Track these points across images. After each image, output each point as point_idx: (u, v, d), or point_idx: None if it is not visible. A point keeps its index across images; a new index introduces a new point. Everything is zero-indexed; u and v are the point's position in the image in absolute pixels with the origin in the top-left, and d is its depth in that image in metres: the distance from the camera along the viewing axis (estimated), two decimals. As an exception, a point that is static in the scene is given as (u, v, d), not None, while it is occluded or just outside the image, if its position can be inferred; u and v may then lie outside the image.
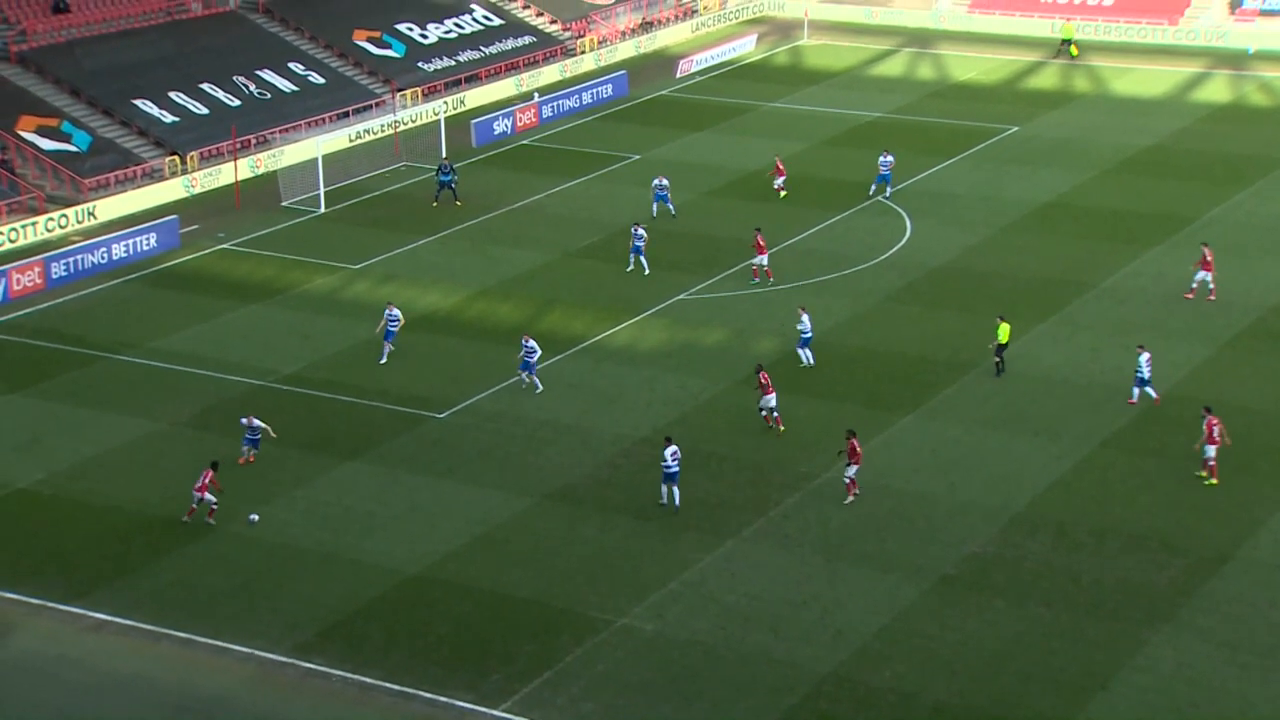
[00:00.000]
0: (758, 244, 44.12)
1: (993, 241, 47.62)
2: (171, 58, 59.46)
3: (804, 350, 38.59)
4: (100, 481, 34.32)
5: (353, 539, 31.86)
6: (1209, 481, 33.18)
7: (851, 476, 32.66)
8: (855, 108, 62.07)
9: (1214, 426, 33.07)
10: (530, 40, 68.84)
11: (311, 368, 39.73)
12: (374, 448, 35.52)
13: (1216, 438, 33.02)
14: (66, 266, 46.06)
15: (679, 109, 62.76)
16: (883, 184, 51.00)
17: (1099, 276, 44.56)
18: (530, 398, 37.69)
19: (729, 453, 35.02)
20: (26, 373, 39.75)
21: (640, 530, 31.98)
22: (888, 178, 51.12)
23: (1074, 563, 30.55)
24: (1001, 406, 36.98)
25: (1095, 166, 54.37)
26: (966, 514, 32.30)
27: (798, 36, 73.52)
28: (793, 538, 31.62)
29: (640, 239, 45.32)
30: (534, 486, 33.73)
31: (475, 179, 54.27)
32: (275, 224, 50.59)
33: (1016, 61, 68.62)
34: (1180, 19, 72.33)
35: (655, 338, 41.23)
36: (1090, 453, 34.70)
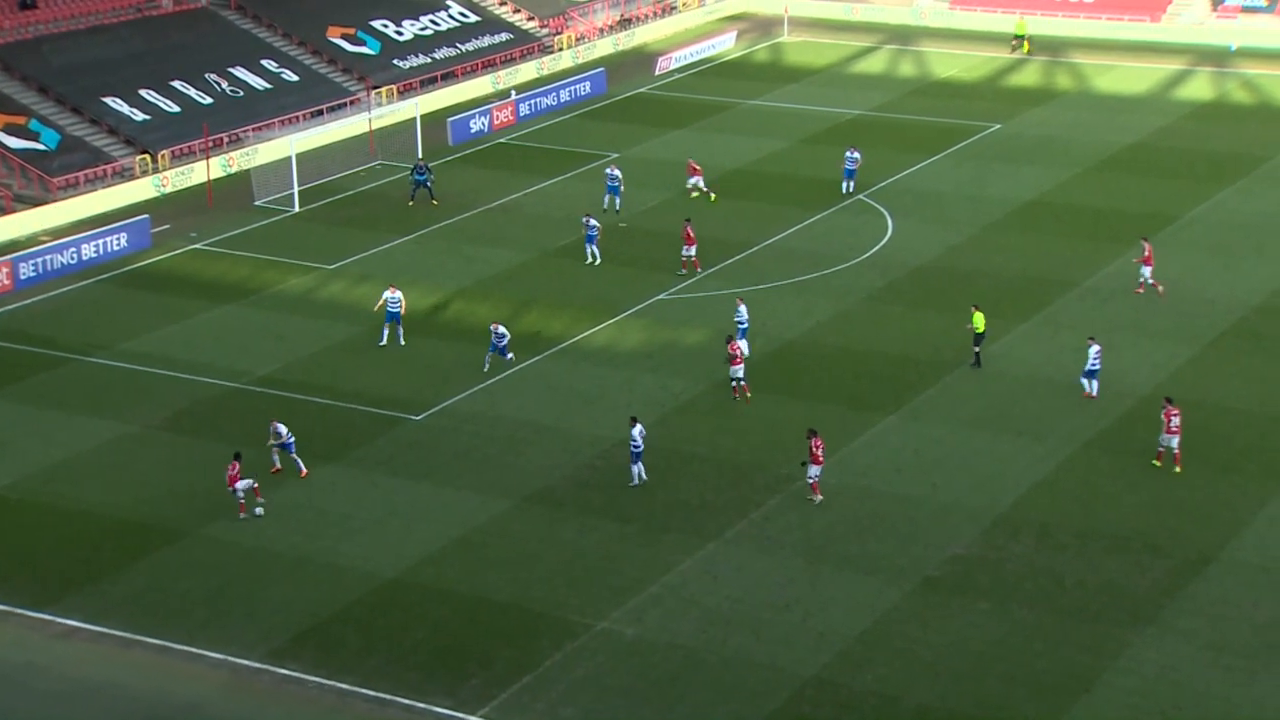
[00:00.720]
0: (686, 235, 44.46)
1: (975, 240, 47.80)
2: (142, 55, 59.21)
3: (742, 341, 38.50)
4: (70, 485, 34.16)
5: (328, 543, 31.78)
6: (1162, 466, 33.50)
7: (814, 478, 32.70)
8: (836, 105, 62.20)
9: (1172, 416, 33.48)
10: (507, 37, 68.79)
11: (286, 369, 39.62)
12: (350, 450, 35.44)
13: (1175, 428, 33.42)
14: (35, 267, 45.81)
15: (658, 107, 62.79)
16: (849, 179, 51.28)
17: (1082, 275, 44.77)
18: (508, 399, 37.66)
19: (710, 454, 35.06)
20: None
21: (620, 533, 31.99)
22: (853, 173, 51.38)
23: (1057, 564, 30.68)
24: (984, 406, 37.11)
25: (1078, 164, 54.62)
26: (949, 515, 32.40)
27: (778, 33, 73.64)
28: (775, 540, 31.67)
29: (593, 229, 45.62)
30: (512, 489, 33.71)
31: (452, 178, 54.20)
32: (248, 223, 50.43)
33: (998, 58, 68.88)
34: (1162, 16, 72.72)
35: (634, 338, 41.25)
36: (1073, 453, 34.85)
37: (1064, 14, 73.38)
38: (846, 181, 51.41)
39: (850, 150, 51.91)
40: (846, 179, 51.42)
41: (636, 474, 33.39)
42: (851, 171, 51.43)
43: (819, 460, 32.63)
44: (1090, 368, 36.90)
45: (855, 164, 51.44)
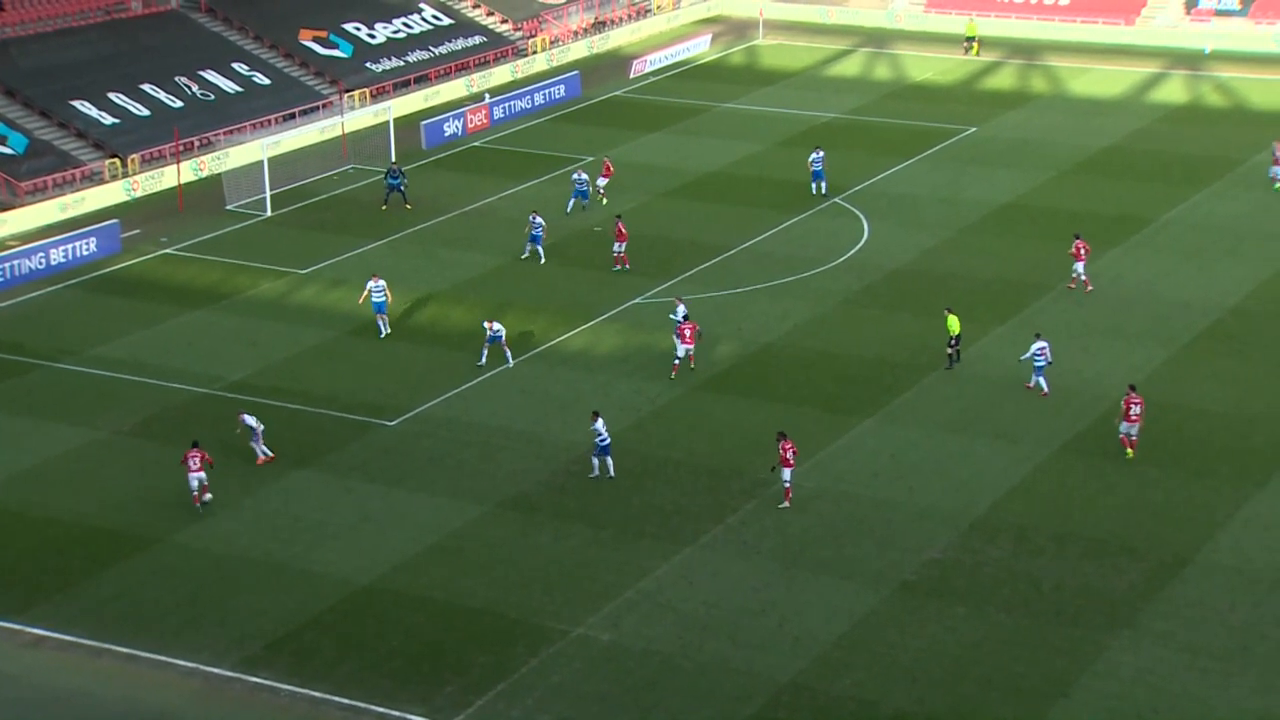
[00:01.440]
0: (618, 231, 45.01)
1: (951, 243, 47.98)
2: (111, 57, 58.92)
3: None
4: (38, 493, 33.94)
5: (302, 549, 31.66)
6: (1127, 454, 34.28)
7: (787, 482, 32.75)
8: (811, 108, 62.36)
9: (1133, 404, 34.17)
10: (481, 40, 68.73)
11: (258, 375, 39.47)
12: (323, 456, 35.33)
13: (1135, 416, 34.13)
14: (2, 272, 45.52)
15: (633, 110, 62.83)
16: (819, 180, 51.54)
17: (1058, 278, 44.97)
18: (482, 404, 37.60)
19: (685, 459, 35.08)
20: (-38, 381, 39.28)
21: (596, 538, 31.97)
22: (821, 174, 51.65)
23: (1034, 568, 30.80)
24: (961, 410, 37.24)
25: (1053, 167, 54.88)
26: (926, 519, 32.50)
27: (753, 36, 73.80)
28: (751, 544, 31.71)
29: (539, 227, 45.99)
30: (487, 494, 33.65)
31: (426, 181, 54.11)
32: (220, 228, 50.23)
33: (974, 62, 69.16)
34: (1136, 19, 73.17)
35: (610, 342, 41.25)
36: (1050, 456, 35.00)
37: (1038, 17, 73.77)
38: (816, 183, 51.64)
39: (815, 151, 52.17)
40: (815, 180, 51.67)
41: (597, 466, 33.70)
42: (819, 172, 51.72)
43: (789, 463, 32.73)
44: (1037, 364, 37.21)
45: (822, 163, 51.73)
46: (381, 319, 41.30)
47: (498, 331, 39.36)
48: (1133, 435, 34.46)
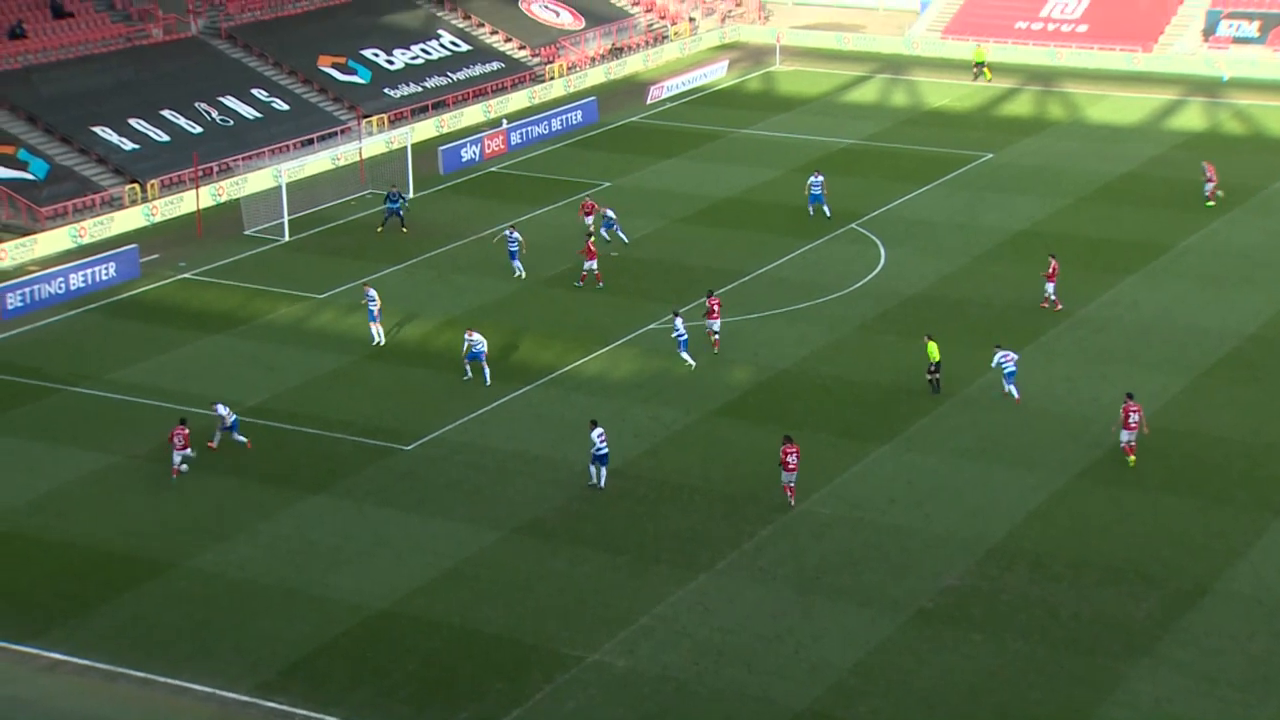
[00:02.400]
0: (588, 249, 45.87)
1: (968, 269, 47.97)
2: (132, 84, 59.37)
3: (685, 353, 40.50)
4: (56, 517, 34.07)
5: (317, 574, 31.71)
6: (1129, 461, 34.93)
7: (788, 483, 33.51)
8: (828, 134, 62.49)
9: (1131, 413, 34.90)
10: (498, 66, 69.08)
11: (275, 399, 39.60)
12: (339, 481, 35.40)
13: (1133, 424, 34.85)
14: (22, 297, 45.80)
15: (649, 136, 63.04)
16: (818, 204, 51.84)
17: (1074, 305, 44.90)
18: (498, 428, 37.67)
19: (701, 485, 35.06)
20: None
21: (611, 564, 31.96)
22: (819, 197, 51.89)
23: (1051, 595, 30.68)
24: (977, 437, 37.17)
25: (1070, 194, 54.87)
26: (943, 546, 32.41)
27: (770, 62, 74.03)
28: (767, 571, 31.66)
29: (515, 243, 46.57)
30: (503, 519, 33.68)
31: (442, 207, 54.35)
32: (238, 253, 50.49)
33: (991, 88, 69.25)
34: (1154, 46, 73.21)
35: (626, 368, 41.30)
36: (1067, 483, 34.90)
37: (1056, 44, 73.86)
38: (813, 205, 52.01)
39: (814, 175, 52.41)
40: (813, 203, 52.02)
41: (594, 474, 34.24)
42: (818, 196, 52.02)
43: (789, 467, 33.25)
44: (1007, 370, 38.23)
45: (821, 187, 52.05)
46: (375, 328, 42.09)
47: (478, 346, 39.61)
48: (1132, 443, 35.00)
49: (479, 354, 39.70)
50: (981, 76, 69.80)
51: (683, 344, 40.65)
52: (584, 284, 45.90)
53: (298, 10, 67.83)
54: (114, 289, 47.51)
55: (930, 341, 38.97)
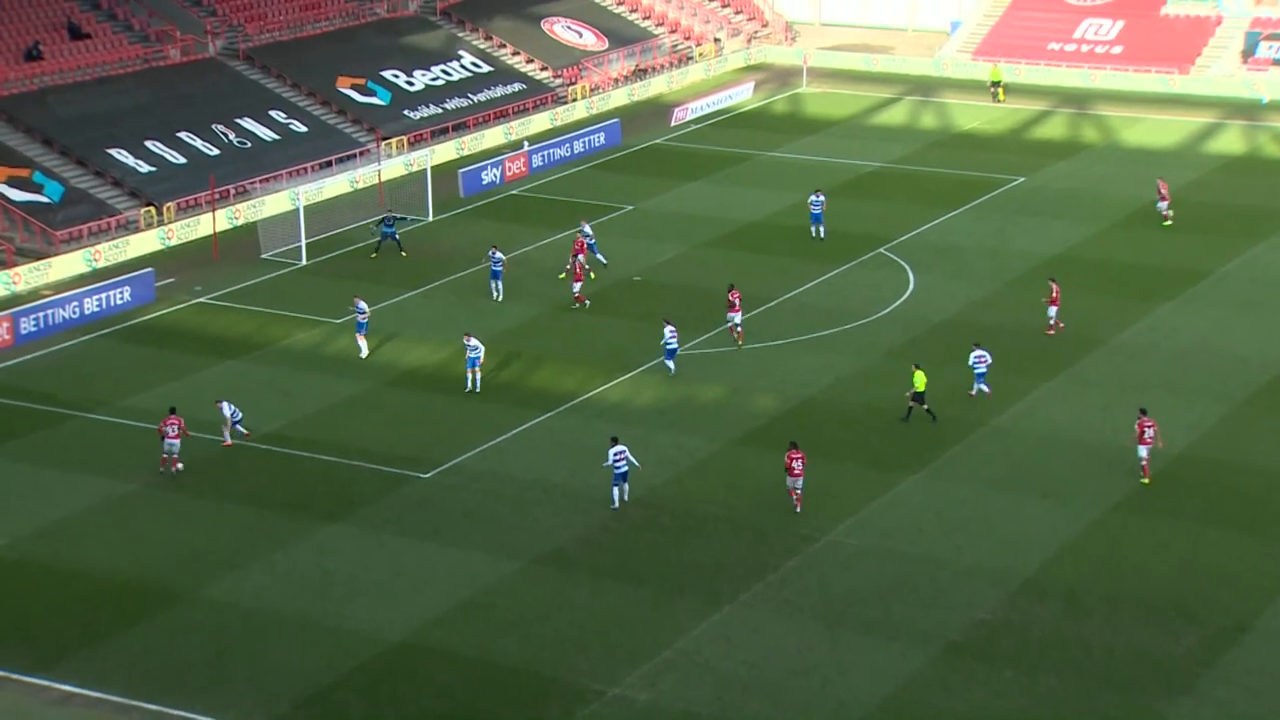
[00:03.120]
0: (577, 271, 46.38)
1: (999, 295, 47.87)
2: (148, 106, 59.85)
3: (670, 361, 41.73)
4: (68, 546, 34.20)
5: (333, 605, 31.74)
6: (1143, 480, 35.34)
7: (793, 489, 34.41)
8: (856, 157, 62.55)
9: (1146, 428, 35.32)
10: (520, 88, 69.41)
11: (291, 426, 39.73)
12: (356, 509, 35.47)
13: (1148, 439, 35.27)
14: (36, 321, 46.09)
15: (673, 158, 63.20)
16: (817, 224, 52.13)
17: (1110, 332, 44.76)
18: (518, 456, 37.69)
19: (726, 514, 35.01)
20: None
21: (633, 595, 31.90)
22: (819, 217, 52.11)
23: (1085, 631, 30.48)
24: (1009, 467, 37.03)
25: (1105, 219, 54.75)
26: (974, 579, 32.26)
27: (796, 84, 74.19)
28: (793, 603, 31.55)
29: (499, 263, 47.07)
30: (522, 549, 33.67)
31: (463, 230, 54.56)
32: (255, 277, 50.74)
33: (1022, 110, 69.24)
34: (1191, 68, 73.08)
35: (649, 394, 41.31)
36: (1102, 515, 34.72)
37: (1090, 66, 73.83)
38: (815, 226, 52.35)
39: (815, 194, 52.67)
40: (814, 223, 52.32)
41: (616, 496, 34.63)
42: (818, 216, 52.33)
43: (794, 473, 34.05)
44: (977, 370, 39.67)
45: (821, 207, 52.41)
46: (361, 339, 43.14)
47: (476, 351, 40.63)
48: (1143, 457, 35.44)
49: (475, 360, 40.79)
50: (997, 96, 69.93)
51: (669, 353, 41.61)
52: (579, 305, 46.46)
53: (317, 31, 68.33)
54: (129, 313, 47.78)
55: (917, 370, 38.94)
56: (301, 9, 68.78)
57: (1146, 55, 73.84)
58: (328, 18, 69.18)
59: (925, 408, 38.84)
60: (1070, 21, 76.78)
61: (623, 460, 34.52)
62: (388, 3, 71.68)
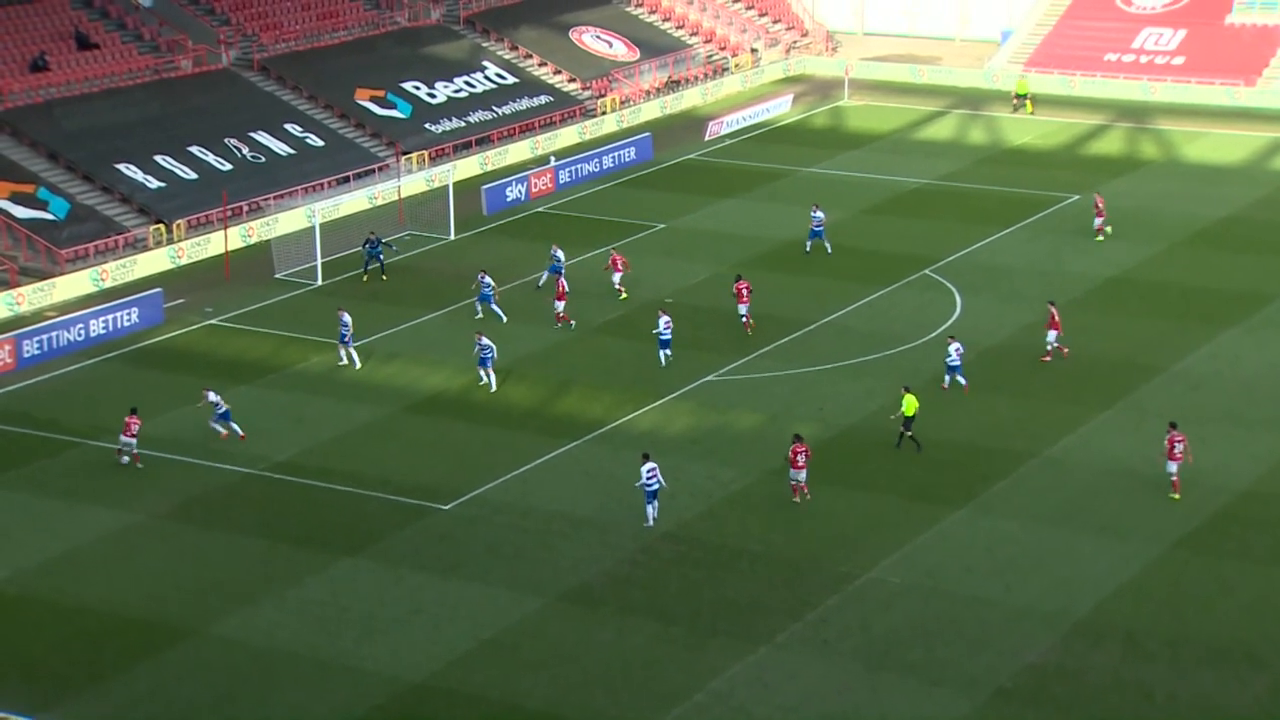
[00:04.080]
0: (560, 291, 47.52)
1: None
2: (158, 118, 60.46)
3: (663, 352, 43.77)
4: (71, 580, 34.47)
5: (349, 644, 31.89)
6: (1172, 496, 36.09)
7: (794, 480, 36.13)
8: (900, 174, 62.62)
9: (1176, 443, 36.17)
10: (547, 100, 69.83)
11: (305, 454, 39.99)
12: (373, 543, 35.65)
13: (1178, 454, 36.11)
14: (39, 344, 46.53)
15: (707, 174, 63.42)
16: (818, 240, 52.83)
17: (1169, 359, 44.63)
18: (543, 487, 37.82)
19: (762, 550, 35.03)
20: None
21: (663, 635, 31.94)
22: (820, 233, 52.74)
23: (1145, 676, 30.34)
24: (1062, 501, 36.95)
25: (1165, 239, 54.64)
26: (1024, 620, 32.17)
27: (837, 97, 74.37)
28: (832, 644, 31.54)
29: (489, 287, 47.77)
30: (547, 585, 33.77)
31: (485, 249, 54.86)
32: (268, 297, 51.13)
33: (1077, 124, 69.21)
34: (1258, 79, 72.90)
35: (681, 422, 41.40)
36: (1162, 553, 34.58)
37: (1149, 77, 73.76)
38: (812, 241, 53.01)
39: (814, 210, 53.19)
40: (813, 238, 53.04)
41: (651, 515, 35.48)
42: (818, 232, 52.91)
43: (798, 465, 35.74)
44: (951, 364, 41.80)
45: (820, 223, 52.92)
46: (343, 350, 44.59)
47: (489, 350, 42.43)
48: (1172, 473, 36.25)
49: (487, 359, 42.40)
50: (1022, 109, 70.05)
51: (662, 343, 43.89)
52: (560, 325, 47.00)
53: (334, 41, 68.96)
54: (136, 336, 48.20)
55: (907, 395, 39.08)
56: (319, 18, 69.42)
57: (1210, 66, 73.71)
58: (346, 27, 69.80)
59: (910, 434, 38.96)
60: (1129, 31, 76.76)
61: (654, 479, 35.24)
62: (409, 11, 72.28)
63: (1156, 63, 74.83)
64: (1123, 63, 75.14)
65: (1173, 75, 73.79)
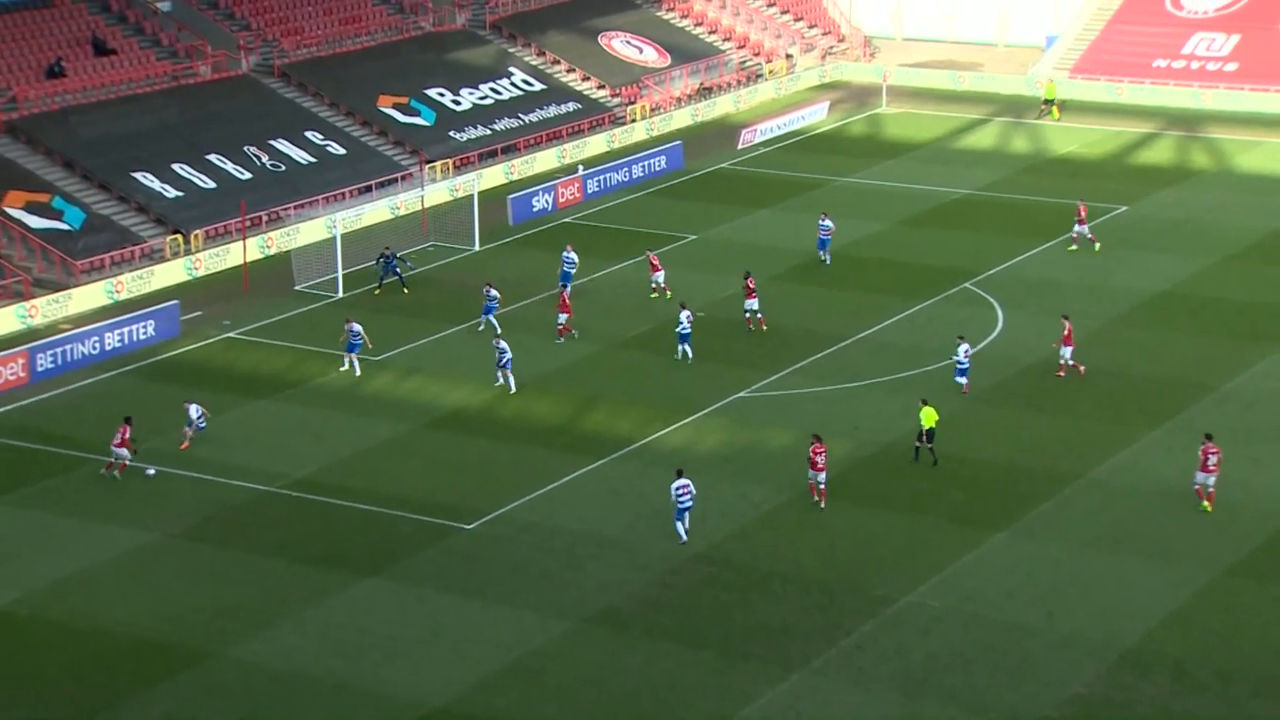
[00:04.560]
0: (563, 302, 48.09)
1: (1098, 336, 47.63)
2: (176, 126, 60.87)
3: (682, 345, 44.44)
4: (84, 600, 34.66)
5: (369, 666, 31.98)
6: (1204, 507, 36.37)
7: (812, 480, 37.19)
8: (940, 184, 62.53)
9: (1210, 454, 36.43)
10: (575, 107, 70.03)
11: (325, 471, 40.14)
12: (394, 563, 35.75)
13: (1212, 466, 36.41)
14: (54, 358, 46.84)
15: (740, 184, 63.47)
16: (823, 249, 53.40)
17: (1221, 378, 44.41)
18: (569, 506, 37.86)
19: (795, 572, 34.99)
20: (5, 477, 40.35)
21: (693, 660, 31.92)
22: (826, 242, 53.25)
23: (1196, 709, 30.16)
24: (1109, 524, 36.79)
25: (1217, 252, 54.40)
26: (1069, 649, 32.03)
27: (875, 104, 74.34)
28: (867, 671, 31.45)
29: (493, 299, 48.07)
30: (573, 608, 33.80)
31: (511, 261, 55.02)
32: (287, 310, 51.38)
33: (1124, 133, 69.01)
34: (1314, 85, 72.56)
35: (712, 440, 41.39)
36: (1213, 580, 34.38)
37: (1200, 84, 73.46)
38: (823, 252, 53.35)
39: (823, 218, 53.61)
40: (821, 249, 53.34)
41: (681, 531, 35.89)
42: (825, 241, 53.37)
43: (817, 466, 36.89)
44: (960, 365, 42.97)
45: (829, 233, 53.46)
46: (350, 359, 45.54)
47: (505, 354, 43.73)
48: (1210, 487, 36.47)
49: (504, 360, 43.62)
50: (1049, 115, 69.98)
51: (681, 337, 45.00)
52: (563, 338, 47.39)
53: (357, 47, 69.32)
54: (153, 349, 48.49)
55: (926, 407, 39.15)
56: (341, 23, 69.80)
57: (1264, 72, 73.33)
58: (369, 32, 70.18)
59: (929, 447, 38.95)
60: (1179, 36, 76.49)
61: (686, 495, 35.51)
62: (433, 16, 72.62)
63: (1208, 69, 74.52)
64: (1173, 69, 74.86)
65: (1225, 82, 73.49)
